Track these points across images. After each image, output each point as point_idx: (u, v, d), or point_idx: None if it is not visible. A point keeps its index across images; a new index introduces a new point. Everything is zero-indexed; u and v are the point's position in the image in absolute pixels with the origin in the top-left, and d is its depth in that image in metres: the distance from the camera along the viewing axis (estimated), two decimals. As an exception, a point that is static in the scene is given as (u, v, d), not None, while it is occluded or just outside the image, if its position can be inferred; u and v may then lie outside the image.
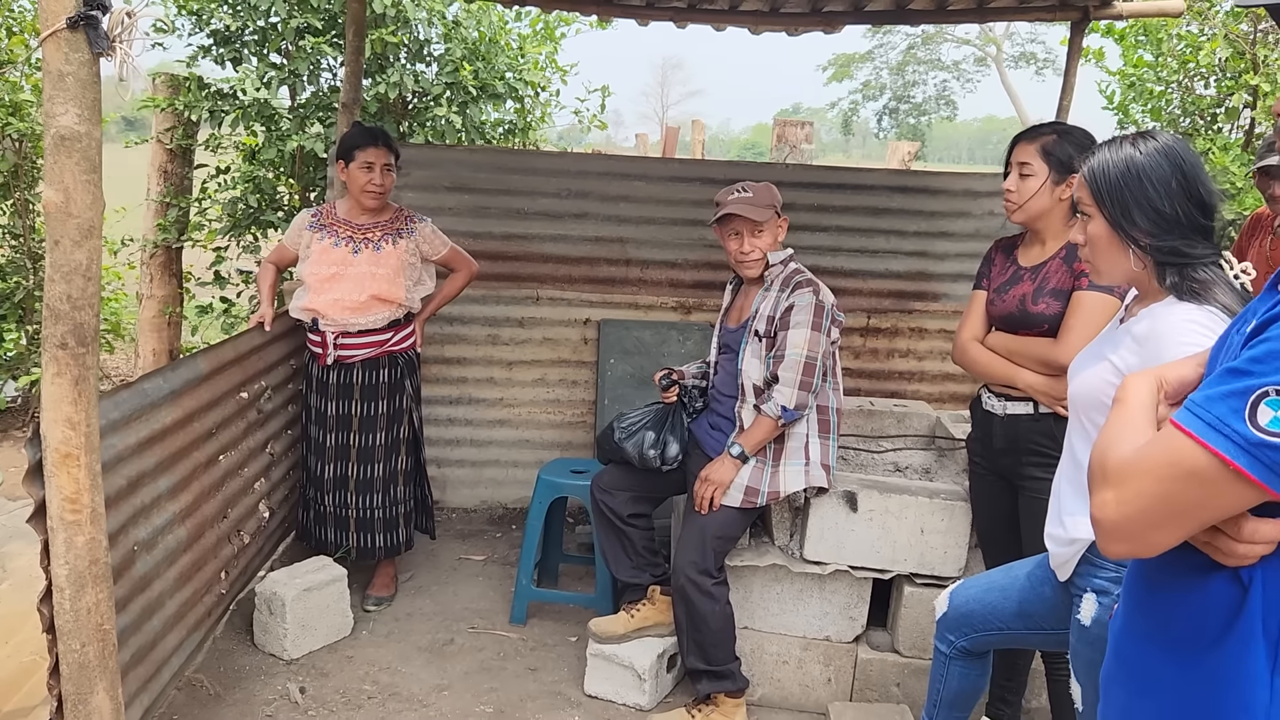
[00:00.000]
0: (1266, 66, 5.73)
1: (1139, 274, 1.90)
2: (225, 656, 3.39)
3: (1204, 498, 1.05)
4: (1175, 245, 1.83)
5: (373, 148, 3.59)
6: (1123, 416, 1.20)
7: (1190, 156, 1.86)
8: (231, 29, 5.38)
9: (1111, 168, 1.87)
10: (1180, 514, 1.08)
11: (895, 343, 4.93)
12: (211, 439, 3.18)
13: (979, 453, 2.88)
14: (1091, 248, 1.95)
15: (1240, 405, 1.01)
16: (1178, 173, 1.83)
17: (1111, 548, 1.15)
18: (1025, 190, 2.64)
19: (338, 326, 3.61)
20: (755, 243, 3.08)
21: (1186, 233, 1.84)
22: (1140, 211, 1.84)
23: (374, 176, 3.59)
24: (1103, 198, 1.88)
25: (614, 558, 3.37)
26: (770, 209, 3.06)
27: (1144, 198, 1.84)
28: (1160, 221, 1.84)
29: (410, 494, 3.88)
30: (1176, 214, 1.83)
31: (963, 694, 2.47)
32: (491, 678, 3.39)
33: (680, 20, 4.75)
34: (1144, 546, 1.13)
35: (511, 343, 4.81)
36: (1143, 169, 1.84)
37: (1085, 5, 4.29)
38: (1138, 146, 1.87)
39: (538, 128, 6.67)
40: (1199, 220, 1.84)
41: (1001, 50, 32.27)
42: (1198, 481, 1.05)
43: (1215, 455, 1.02)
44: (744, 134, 62.30)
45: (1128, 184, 1.85)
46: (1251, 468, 1.01)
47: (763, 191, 3.09)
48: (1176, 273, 1.84)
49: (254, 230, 5.75)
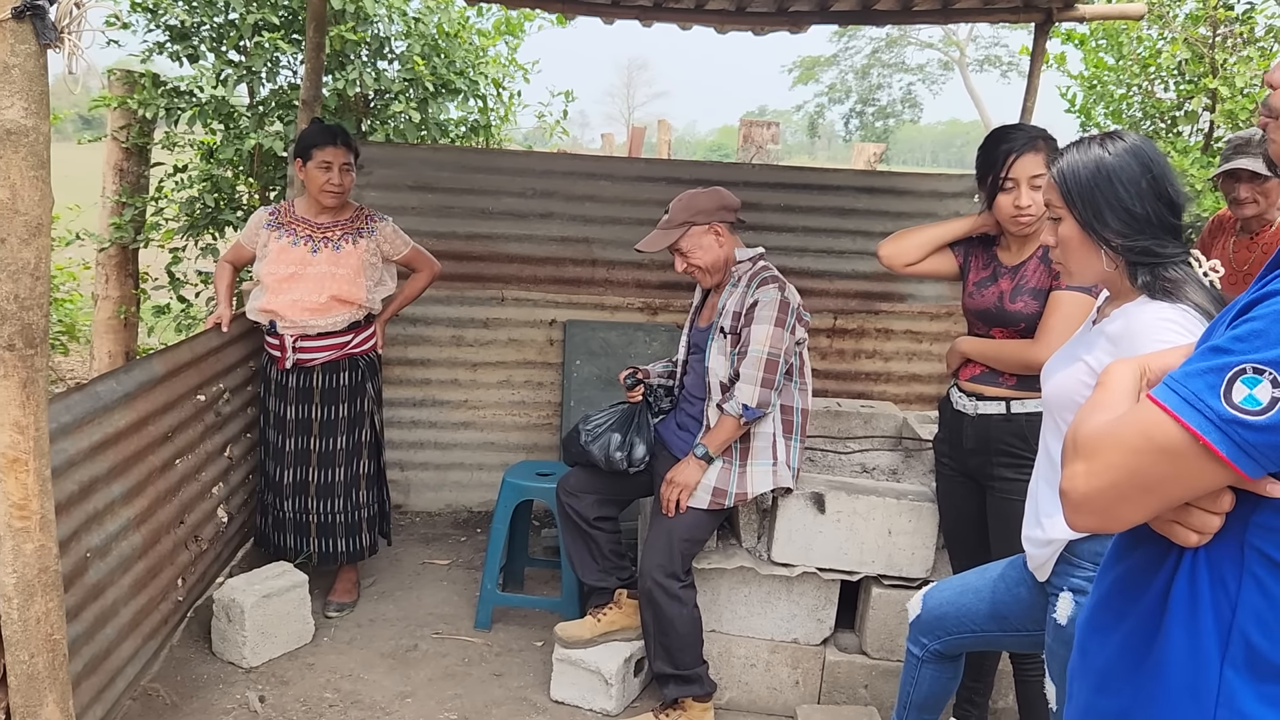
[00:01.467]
0: (1225, 70, 5.80)
1: (1111, 274, 1.90)
2: (182, 665, 3.31)
3: (1174, 473, 1.04)
4: (1147, 245, 1.83)
5: (331, 147, 3.53)
6: (1101, 397, 1.19)
7: (1158, 156, 1.86)
8: (187, 25, 5.27)
9: (1081, 169, 1.87)
10: (1149, 489, 1.07)
11: (862, 343, 4.93)
12: (167, 443, 3.10)
13: (946, 453, 2.87)
14: (1063, 249, 1.94)
15: (1217, 381, 1.00)
16: (1147, 173, 1.83)
17: (1078, 520, 1.14)
18: (1042, 202, 2.58)
19: (297, 329, 3.54)
20: (685, 260, 3.09)
21: (1157, 232, 1.84)
22: (1111, 212, 1.84)
23: (332, 176, 3.53)
24: (1073, 199, 1.88)
25: (580, 561, 3.34)
26: (683, 226, 3.04)
27: (1114, 198, 1.84)
28: (1131, 221, 1.83)
29: (374, 498, 3.82)
30: (1147, 213, 1.83)
31: (933, 696, 2.46)
32: (456, 684, 3.34)
33: (645, 19, 4.72)
34: (1111, 520, 1.12)
35: (476, 344, 4.76)
36: (1112, 169, 1.84)
37: (1048, 7, 4.31)
38: (1106, 147, 1.87)
39: (501, 127, 6.61)
40: (1169, 219, 1.85)
41: (965, 54, 32.58)
42: (1169, 456, 1.03)
43: (1187, 429, 1.01)
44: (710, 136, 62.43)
45: (1098, 185, 1.85)
46: (1221, 444, 0.99)
47: (679, 209, 3.07)
48: (1148, 272, 1.84)
49: (212, 230, 5.64)
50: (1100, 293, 2.08)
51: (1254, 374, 0.98)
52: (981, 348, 2.72)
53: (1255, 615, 1.07)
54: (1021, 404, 2.62)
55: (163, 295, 6.01)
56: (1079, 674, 1.31)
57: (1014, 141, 2.60)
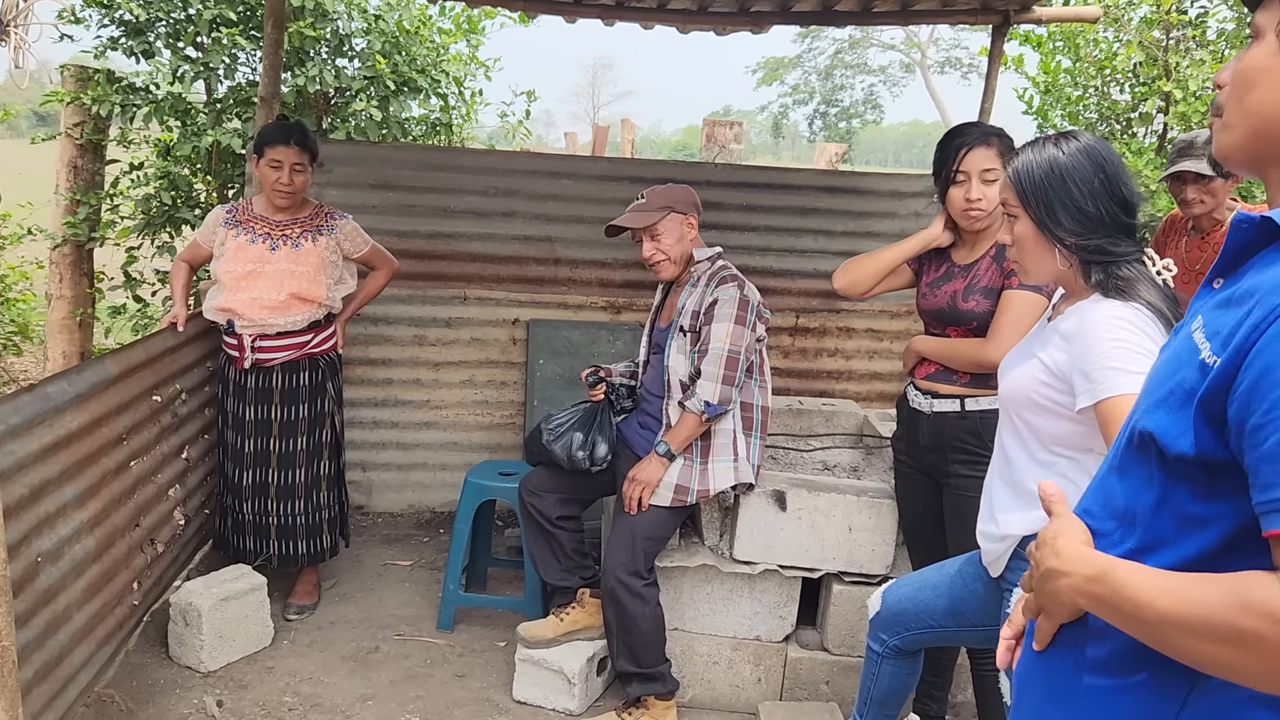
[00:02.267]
0: (1178, 73, 5.90)
1: (1065, 273, 1.93)
2: (138, 670, 3.26)
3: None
4: (1100, 244, 1.86)
5: (282, 146, 3.48)
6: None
7: (1111, 156, 1.89)
8: (142, 20, 5.20)
9: (1035, 168, 1.89)
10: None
11: (823, 342, 4.96)
12: (122, 445, 3.05)
13: (904, 450, 2.90)
14: (1018, 248, 1.97)
15: None
16: (1100, 172, 1.86)
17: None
18: (993, 196, 2.58)
19: (255, 328, 3.50)
20: (654, 245, 3.09)
21: (1110, 231, 1.86)
22: (1065, 211, 1.86)
23: (281, 176, 3.48)
24: (1028, 198, 1.90)
25: (543, 561, 3.33)
26: (662, 210, 3.05)
27: (1068, 197, 1.86)
28: (1085, 220, 1.86)
29: (335, 499, 3.78)
30: (1100, 213, 1.86)
31: (893, 692, 2.48)
32: (418, 685, 3.32)
33: (607, 18, 4.72)
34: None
35: (438, 343, 4.73)
36: (1066, 169, 1.87)
37: (1006, 9, 4.36)
38: (1060, 147, 1.90)
39: (463, 125, 6.57)
40: (1122, 218, 1.87)
41: (926, 56, 32.87)
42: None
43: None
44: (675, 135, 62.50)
45: (1052, 184, 1.87)
46: None
47: (657, 195, 3.08)
48: (1102, 270, 1.86)
49: (169, 229, 5.55)
50: (1052, 291, 2.10)
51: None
52: (936, 346, 2.75)
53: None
54: (975, 401, 2.65)
55: (118, 295, 5.92)
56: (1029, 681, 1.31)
57: (967, 136, 2.64)
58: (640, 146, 27.05)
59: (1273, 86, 1.06)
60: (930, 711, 3.00)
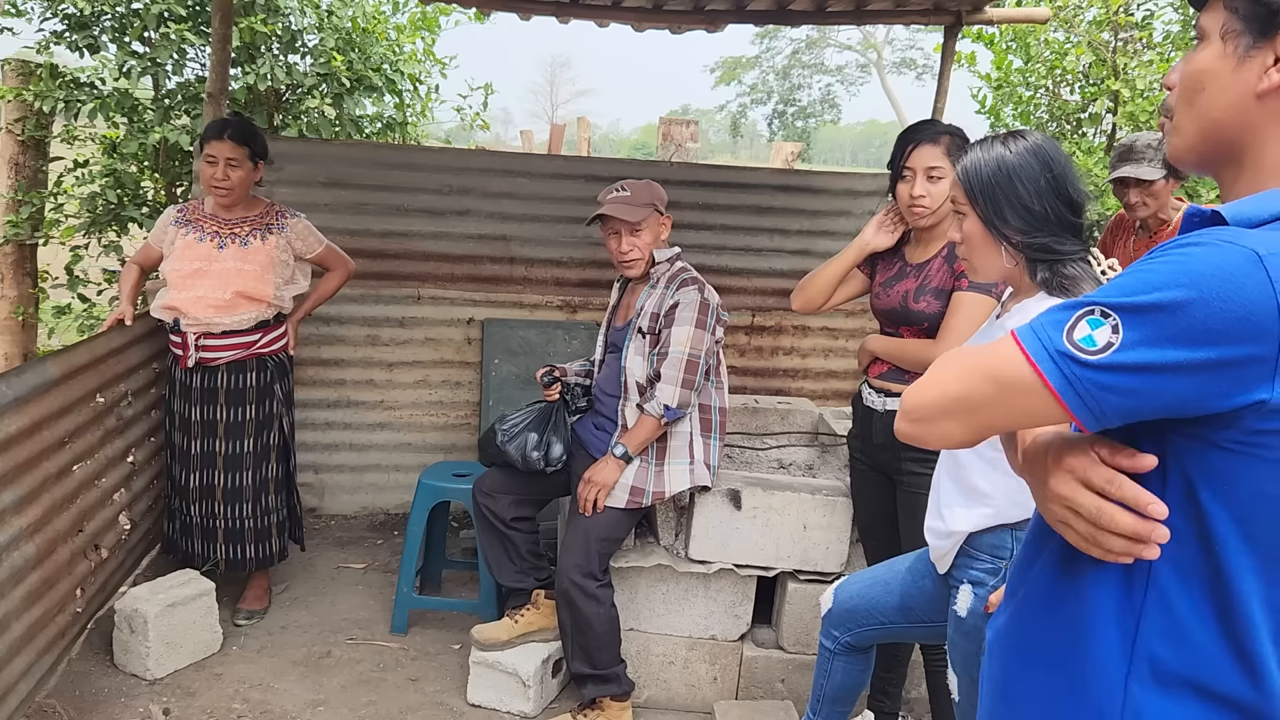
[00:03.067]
0: (1126, 74, 5.99)
1: (1012, 270, 1.94)
2: (81, 679, 3.19)
3: (999, 396, 1.07)
4: (1045, 242, 1.87)
5: (216, 141, 3.41)
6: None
7: (1059, 155, 1.91)
8: (87, 14, 5.08)
9: (983, 166, 1.91)
10: (973, 408, 1.10)
11: (779, 340, 4.97)
12: (64, 448, 2.98)
13: (859, 448, 2.91)
14: (967, 245, 1.98)
15: (1065, 319, 1.03)
16: (1047, 171, 1.87)
17: (901, 425, 1.19)
18: (938, 194, 2.60)
19: (200, 326, 3.43)
20: (634, 241, 3.05)
21: (1056, 230, 1.88)
22: (1011, 209, 1.88)
23: (216, 171, 3.41)
24: (975, 196, 1.92)
25: (497, 562, 3.30)
26: (649, 207, 3.04)
27: (1014, 196, 1.87)
28: (1030, 219, 1.87)
29: (283, 502, 3.72)
30: (1046, 211, 1.87)
31: (846, 689, 2.49)
32: (370, 690, 3.28)
33: (562, 15, 4.69)
34: (931, 431, 1.16)
35: (392, 343, 4.68)
36: (1013, 168, 1.88)
37: (958, 10, 4.40)
38: (1008, 146, 1.91)
39: (419, 123, 6.51)
40: (1068, 217, 1.89)
41: (882, 56, 33.12)
42: (1000, 381, 1.06)
43: (1024, 354, 1.04)
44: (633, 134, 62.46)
45: (999, 182, 1.88)
46: (1051, 375, 1.01)
47: (641, 189, 3.06)
48: (1047, 268, 1.88)
49: (115, 227, 5.44)
50: (1002, 293, 2.12)
51: (1100, 316, 1.00)
52: (888, 346, 2.76)
53: (1158, 628, 1.08)
54: None
55: (63, 294, 5.79)
56: (986, 678, 1.32)
57: (917, 133, 2.68)
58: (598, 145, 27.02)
59: (1219, 89, 1.08)
60: (884, 708, 3.02)
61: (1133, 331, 0.98)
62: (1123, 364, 0.98)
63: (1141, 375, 0.98)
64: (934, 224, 2.68)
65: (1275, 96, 1.06)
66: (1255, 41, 1.06)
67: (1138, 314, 0.98)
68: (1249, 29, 1.06)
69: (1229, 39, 1.08)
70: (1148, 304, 0.97)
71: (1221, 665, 1.06)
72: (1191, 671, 1.07)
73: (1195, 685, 1.06)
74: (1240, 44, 1.07)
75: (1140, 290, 0.98)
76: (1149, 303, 0.97)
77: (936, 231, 2.71)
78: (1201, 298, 0.95)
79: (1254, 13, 1.05)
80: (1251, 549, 1.03)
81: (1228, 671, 1.06)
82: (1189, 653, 1.06)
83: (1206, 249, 0.97)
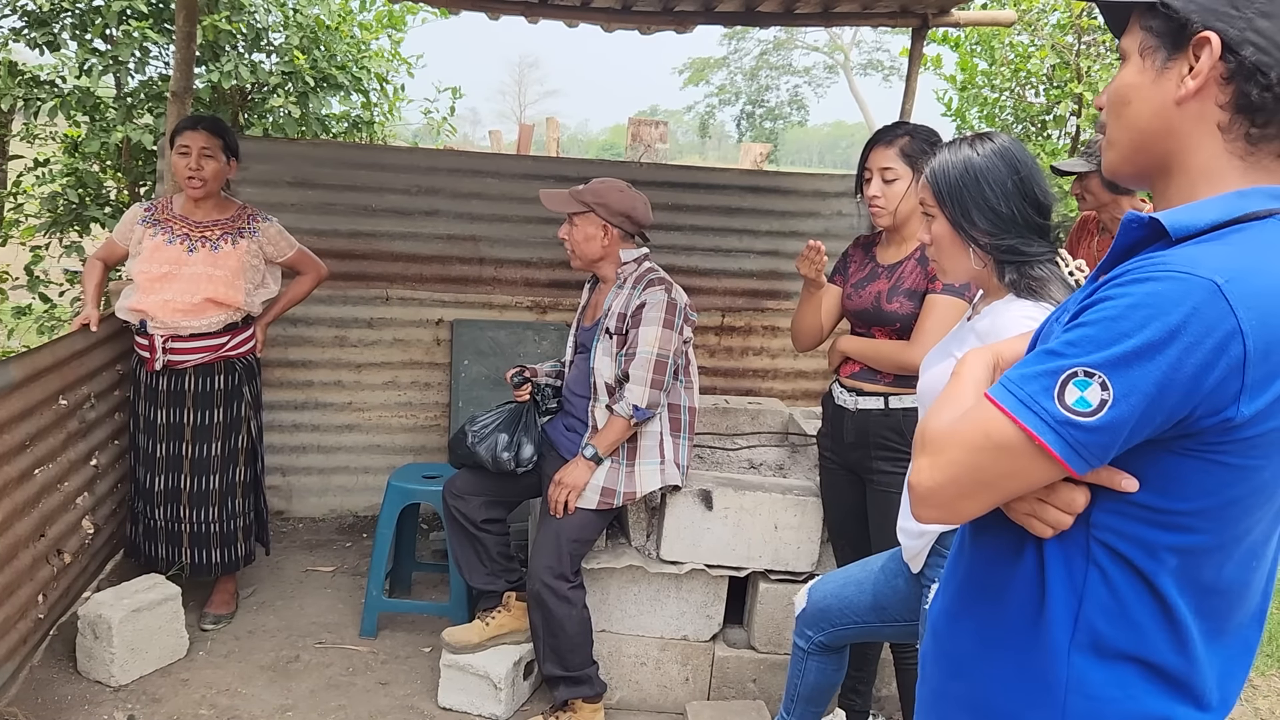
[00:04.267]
0: (1089, 77, 6.07)
1: (980, 272, 1.96)
2: (44, 686, 3.13)
3: (1010, 470, 1.10)
4: (1013, 244, 1.89)
5: (190, 131, 3.38)
6: (953, 389, 1.25)
7: (1026, 157, 1.93)
8: (46, 11, 5.00)
9: (951, 169, 1.92)
10: (987, 484, 1.12)
11: (749, 341, 4.99)
12: (25, 452, 2.93)
13: (829, 447, 2.92)
14: (936, 247, 2.00)
15: (1050, 384, 1.06)
16: (1014, 173, 1.89)
17: (923, 513, 1.19)
18: (893, 194, 2.65)
19: (167, 329, 3.39)
20: (568, 231, 3.09)
21: (1023, 231, 1.90)
22: (979, 211, 1.90)
23: (189, 161, 3.37)
24: (943, 198, 1.93)
25: (468, 565, 3.28)
26: (585, 207, 3.03)
27: (981, 198, 1.89)
28: (998, 221, 1.89)
29: (251, 506, 3.68)
30: (1013, 213, 1.89)
31: (819, 688, 2.50)
32: (339, 694, 3.25)
33: (531, 15, 4.68)
34: (952, 513, 1.18)
35: (360, 344, 4.64)
36: (980, 170, 1.90)
37: (924, 13, 4.43)
38: (975, 148, 1.93)
39: (386, 123, 6.46)
40: (1035, 219, 1.91)
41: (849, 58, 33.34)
42: (1005, 454, 1.09)
43: (1023, 430, 1.07)
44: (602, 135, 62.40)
45: (966, 185, 1.90)
46: (1055, 444, 1.05)
47: (593, 191, 3.06)
48: (1015, 270, 1.90)
49: (77, 227, 5.36)
50: (974, 295, 2.14)
51: (1085, 377, 1.04)
52: (860, 347, 2.78)
53: (1099, 604, 1.14)
54: (899, 399, 2.69)
55: (23, 295, 5.70)
56: (932, 658, 1.35)
57: (879, 134, 2.74)
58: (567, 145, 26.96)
59: (1142, 100, 1.16)
60: (855, 706, 3.03)
61: (1120, 383, 1.02)
62: (1119, 418, 1.03)
63: (1135, 418, 1.04)
64: (897, 224, 2.71)
65: (1193, 103, 1.12)
66: (1170, 54, 1.13)
67: (1120, 366, 1.02)
68: (1163, 44, 1.14)
69: (1147, 55, 1.16)
70: (1126, 353, 1.02)
71: (1156, 638, 1.13)
72: (1128, 644, 1.14)
73: (1132, 657, 1.14)
74: (1158, 58, 1.14)
75: (1113, 340, 1.03)
76: (1127, 352, 1.02)
77: (906, 232, 2.73)
78: (1172, 335, 1.00)
79: (1166, 29, 1.13)
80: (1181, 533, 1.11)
81: (1161, 644, 1.13)
82: (1126, 627, 1.13)
83: (1166, 283, 1.02)
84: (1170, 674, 1.14)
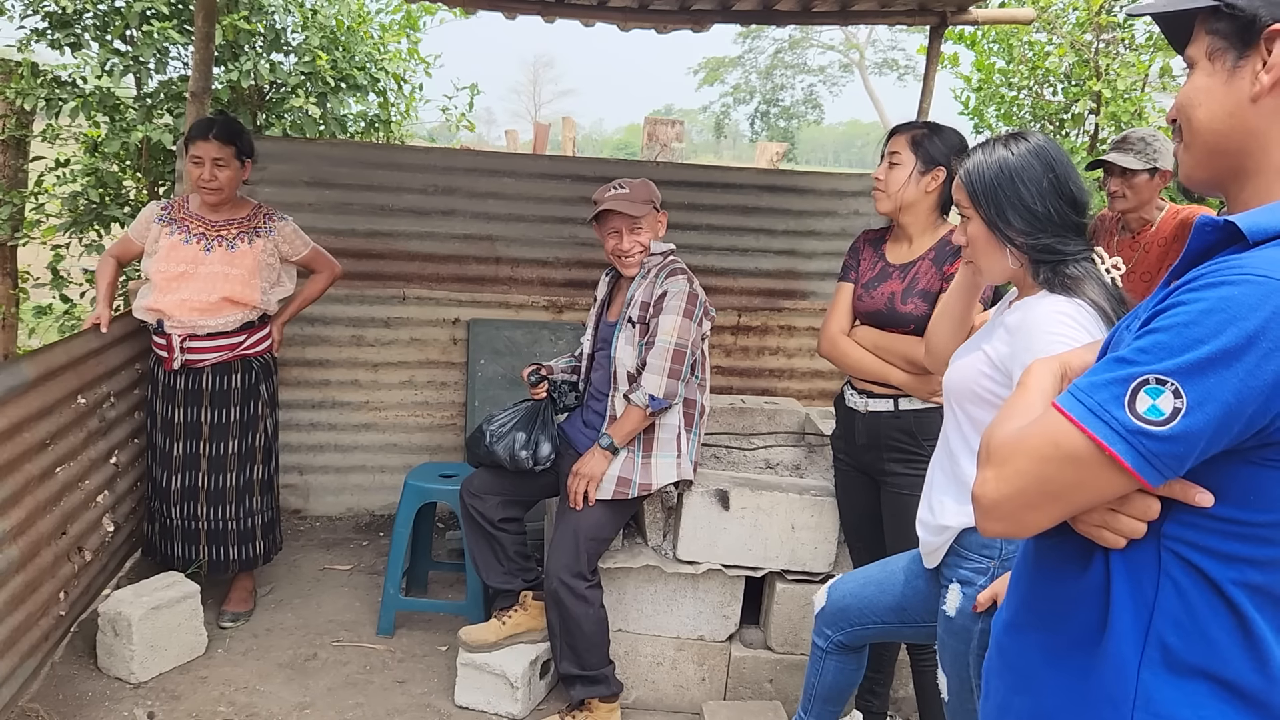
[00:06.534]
0: (1108, 75, 6.03)
1: (1017, 271, 1.95)
2: (65, 683, 3.16)
3: (1079, 481, 1.07)
4: (1049, 243, 1.89)
5: (202, 141, 3.38)
6: (1020, 399, 1.22)
7: (1060, 156, 1.92)
8: (69, 12, 5.04)
9: (986, 169, 1.92)
10: (1055, 496, 1.09)
11: (765, 340, 4.98)
12: (46, 450, 2.95)
13: (842, 449, 2.91)
14: (972, 248, 2.00)
15: (1121, 392, 1.03)
16: (1049, 172, 1.88)
17: (989, 526, 1.16)
18: (893, 180, 2.67)
19: (184, 329, 3.41)
20: (634, 239, 3.05)
21: (1059, 230, 1.89)
22: (1014, 211, 1.89)
23: (203, 172, 3.39)
24: (979, 199, 1.93)
25: (485, 564, 3.28)
26: (648, 204, 3.04)
27: (1017, 198, 1.88)
28: (1033, 220, 1.88)
29: (268, 504, 3.70)
30: (1049, 212, 1.88)
31: (838, 688, 2.49)
32: (357, 692, 3.26)
33: (547, 15, 4.68)
34: (1019, 526, 1.14)
35: (377, 344, 4.66)
36: (1015, 170, 1.89)
37: (943, 10, 4.41)
38: (1010, 148, 1.92)
39: (403, 122, 6.48)
40: (1071, 217, 1.90)
41: (864, 57, 33.22)
42: (1074, 465, 1.06)
43: (1092, 440, 1.04)
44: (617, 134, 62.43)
45: (1001, 185, 1.90)
46: (1126, 454, 1.02)
47: (639, 187, 3.06)
48: (1050, 269, 1.89)
49: (97, 226, 5.40)
50: (989, 297, 2.13)
51: (1157, 385, 1.00)
52: (876, 338, 2.76)
53: (1171, 618, 1.10)
54: (909, 401, 2.69)
55: (45, 294, 5.74)
56: (996, 672, 1.32)
57: (900, 125, 2.76)
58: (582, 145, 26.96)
59: (1216, 102, 1.13)
60: (872, 707, 3.02)
61: (1194, 391, 0.99)
62: (1194, 427, 1.00)
63: (1211, 427, 1.00)
64: (900, 214, 2.71)
65: (1269, 98, 1.09)
66: (1241, 54, 1.11)
67: (1194, 373, 0.99)
68: (1233, 44, 1.11)
69: (1216, 58, 1.13)
70: (1200, 360, 0.99)
71: (1231, 654, 1.08)
72: (1202, 660, 1.09)
73: (1205, 673, 1.09)
74: (1228, 59, 1.12)
75: (1186, 347, 1.00)
76: (1201, 359, 0.99)
77: (916, 228, 2.73)
78: (1250, 341, 0.97)
79: (1234, 29, 1.11)
80: (1260, 545, 1.06)
81: (1237, 660, 1.08)
82: (1199, 642, 1.09)
83: (1243, 287, 0.98)
84: (1247, 692, 1.09)
